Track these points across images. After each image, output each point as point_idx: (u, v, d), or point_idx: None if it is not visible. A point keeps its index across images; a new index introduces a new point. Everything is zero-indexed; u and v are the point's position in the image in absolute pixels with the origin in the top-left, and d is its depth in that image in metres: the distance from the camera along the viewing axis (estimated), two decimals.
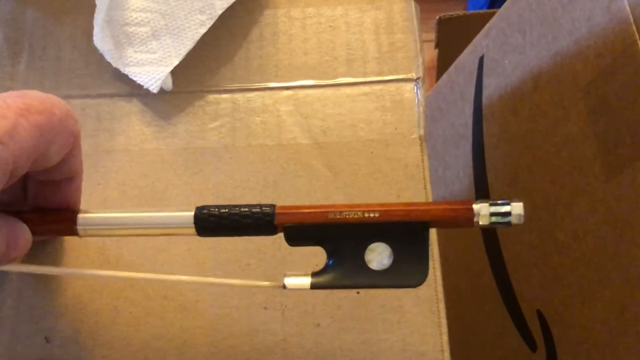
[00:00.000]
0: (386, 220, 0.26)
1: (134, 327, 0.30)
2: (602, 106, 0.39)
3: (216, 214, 0.26)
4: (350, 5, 0.36)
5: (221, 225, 0.26)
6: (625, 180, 0.37)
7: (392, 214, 0.26)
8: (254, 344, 0.29)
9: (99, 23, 0.34)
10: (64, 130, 0.25)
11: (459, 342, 0.63)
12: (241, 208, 0.26)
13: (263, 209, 0.26)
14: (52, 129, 0.24)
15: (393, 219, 0.26)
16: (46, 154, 0.24)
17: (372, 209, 0.26)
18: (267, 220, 0.26)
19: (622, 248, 0.37)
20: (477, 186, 0.58)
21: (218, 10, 0.34)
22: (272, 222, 0.26)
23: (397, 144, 0.33)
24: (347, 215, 0.26)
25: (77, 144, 0.26)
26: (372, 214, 0.26)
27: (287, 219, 0.26)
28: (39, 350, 0.29)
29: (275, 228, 0.26)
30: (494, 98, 0.54)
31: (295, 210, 0.26)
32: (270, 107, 0.34)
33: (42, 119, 0.23)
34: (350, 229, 0.26)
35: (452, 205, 0.26)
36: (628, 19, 0.36)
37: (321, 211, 0.26)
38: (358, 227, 0.26)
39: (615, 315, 0.38)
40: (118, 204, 0.32)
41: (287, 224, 0.26)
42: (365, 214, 0.26)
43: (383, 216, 0.26)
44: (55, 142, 0.24)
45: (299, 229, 0.26)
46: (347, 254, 0.26)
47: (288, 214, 0.26)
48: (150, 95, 0.34)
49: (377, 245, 0.26)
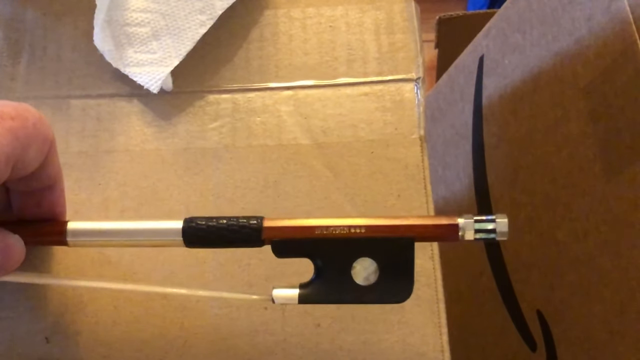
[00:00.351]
0: (372, 237, 0.26)
1: (134, 327, 0.30)
2: (602, 106, 0.39)
3: (204, 227, 0.26)
4: (350, 6, 0.36)
5: (209, 238, 0.26)
6: (625, 180, 0.37)
7: (377, 229, 0.26)
8: (255, 344, 0.29)
9: (99, 23, 0.34)
10: (38, 135, 0.25)
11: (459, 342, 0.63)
12: (229, 221, 0.26)
13: (250, 222, 0.26)
14: (26, 134, 0.24)
15: (378, 235, 0.26)
16: (24, 159, 0.24)
17: (358, 224, 0.26)
18: (254, 235, 0.26)
19: (622, 248, 0.37)
20: (477, 186, 0.58)
21: (218, 11, 0.34)
22: (260, 236, 0.26)
23: (397, 144, 0.33)
24: (333, 231, 0.26)
25: (52, 150, 0.26)
26: (358, 229, 0.26)
27: (274, 234, 0.26)
28: (39, 350, 0.29)
29: (262, 241, 0.26)
30: (494, 98, 0.54)
31: (283, 224, 0.26)
32: (270, 107, 0.34)
33: (15, 124, 0.24)
34: (336, 244, 0.26)
35: (437, 221, 0.26)
36: (628, 19, 0.36)
37: (308, 226, 0.26)
38: (344, 242, 0.26)
39: (615, 315, 0.38)
40: (118, 205, 0.32)
41: (275, 238, 0.26)
42: (352, 229, 0.26)
43: (369, 232, 0.26)
44: (31, 147, 0.24)
45: (286, 243, 0.26)
46: (333, 268, 0.26)
47: (275, 228, 0.26)
48: (151, 95, 0.34)
49: (364, 260, 0.26)
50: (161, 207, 0.32)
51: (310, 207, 0.32)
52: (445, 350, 0.29)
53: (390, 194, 0.32)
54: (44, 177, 0.27)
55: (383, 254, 0.26)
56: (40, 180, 0.27)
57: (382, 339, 0.29)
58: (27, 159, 0.25)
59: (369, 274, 0.26)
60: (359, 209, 0.32)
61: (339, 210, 0.32)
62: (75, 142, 0.33)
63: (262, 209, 0.32)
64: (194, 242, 0.27)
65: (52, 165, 0.27)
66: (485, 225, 0.26)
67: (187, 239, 0.27)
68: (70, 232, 0.27)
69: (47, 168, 0.26)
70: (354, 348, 0.29)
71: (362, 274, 0.26)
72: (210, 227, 0.26)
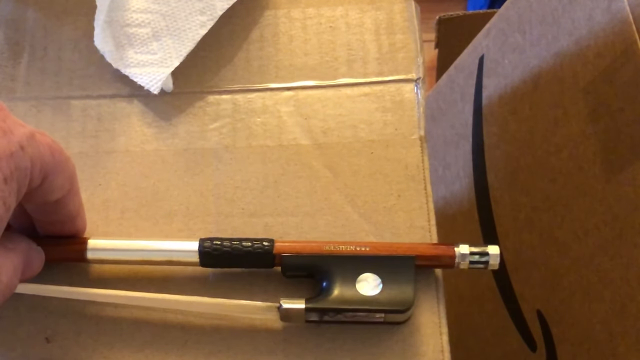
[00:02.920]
0: (376, 254, 0.29)
1: (134, 327, 0.30)
2: (602, 106, 0.39)
3: (219, 246, 0.29)
4: (350, 6, 0.36)
5: (223, 258, 0.29)
6: (625, 180, 0.37)
7: (381, 248, 0.29)
8: (255, 344, 0.29)
9: (100, 24, 0.34)
10: (68, 165, 0.26)
11: (459, 342, 0.63)
12: (243, 242, 0.29)
13: (263, 243, 0.29)
14: (60, 157, 0.25)
15: (382, 253, 0.29)
16: (52, 182, 0.25)
17: (363, 244, 0.29)
18: (266, 253, 0.29)
19: (622, 248, 0.37)
20: (477, 186, 0.58)
21: (218, 11, 0.34)
22: (271, 252, 0.29)
23: (397, 145, 0.33)
24: (341, 248, 0.29)
25: (75, 188, 0.27)
26: (363, 248, 0.29)
27: (285, 249, 0.29)
28: (40, 350, 0.29)
29: (273, 259, 0.29)
30: (494, 98, 0.54)
31: (294, 243, 0.29)
32: (270, 107, 0.34)
33: (53, 144, 0.25)
34: (343, 260, 0.29)
35: (436, 249, 0.29)
36: (628, 19, 0.36)
37: (317, 243, 0.29)
38: (350, 259, 0.29)
39: (615, 315, 0.38)
40: (119, 205, 0.32)
41: (285, 253, 0.29)
42: (357, 248, 0.29)
43: (373, 250, 0.29)
44: (61, 173, 0.25)
45: (295, 259, 0.29)
46: (339, 282, 0.28)
47: (286, 245, 0.29)
48: (151, 96, 0.34)
49: (368, 275, 0.28)
50: (161, 208, 0.32)
51: (310, 208, 0.32)
52: (445, 350, 0.29)
53: (391, 194, 0.32)
54: (67, 211, 0.27)
55: (386, 270, 0.29)
56: (62, 214, 0.28)
57: (382, 339, 0.29)
58: (54, 183, 0.25)
59: (372, 286, 0.28)
60: (359, 209, 0.32)
61: (339, 210, 0.32)
62: (75, 143, 0.33)
63: (262, 209, 0.32)
64: (208, 261, 0.29)
65: (73, 203, 0.27)
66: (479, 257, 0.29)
67: (202, 258, 0.29)
68: (91, 249, 0.29)
69: (69, 202, 0.27)
70: (354, 348, 0.29)
71: (366, 286, 0.28)
72: (225, 247, 0.29)
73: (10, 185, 0.22)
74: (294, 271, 0.29)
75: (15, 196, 0.23)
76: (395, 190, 0.32)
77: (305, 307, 0.28)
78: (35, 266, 0.27)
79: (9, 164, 0.22)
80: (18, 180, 0.23)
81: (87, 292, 0.29)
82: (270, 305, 0.28)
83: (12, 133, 0.23)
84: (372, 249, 0.29)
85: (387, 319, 0.29)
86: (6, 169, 0.22)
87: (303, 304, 0.28)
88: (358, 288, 0.28)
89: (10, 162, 0.22)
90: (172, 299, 0.29)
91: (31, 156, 0.23)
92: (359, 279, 0.28)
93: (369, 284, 0.28)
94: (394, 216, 0.31)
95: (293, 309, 0.28)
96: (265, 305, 0.29)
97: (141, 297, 0.29)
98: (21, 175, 0.23)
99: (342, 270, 0.28)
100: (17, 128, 0.23)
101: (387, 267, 0.28)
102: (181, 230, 0.32)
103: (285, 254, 0.29)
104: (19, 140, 0.23)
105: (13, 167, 0.22)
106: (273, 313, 0.29)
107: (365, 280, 0.28)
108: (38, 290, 0.29)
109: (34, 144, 0.23)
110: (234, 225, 0.32)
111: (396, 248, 0.29)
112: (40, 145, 0.24)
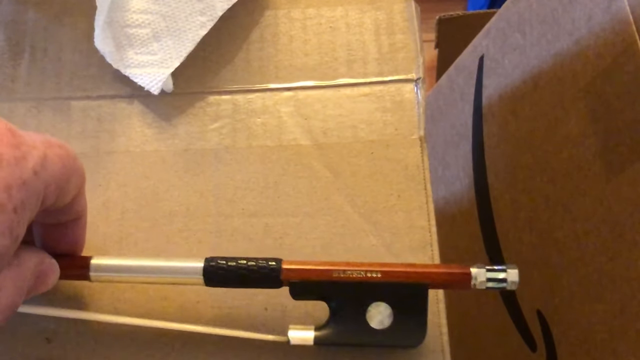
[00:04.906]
0: (387, 281, 0.27)
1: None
2: (602, 106, 0.39)
3: (224, 266, 0.27)
4: (350, 6, 0.36)
5: (228, 277, 0.27)
6: (625, 180, 0.37)
7: (393, 275, 0.27)
8: (255, 345, 0.29)
9: (100, 25, 0.34)
10: (78, 168, 0.25)
11: (459, 342, 0.63)
12: (249, 261, 0.27)
13: (269, 264, 0.27)
14: (70, 163, 0.25)
15: (394, 280, 0.27)
16: (64, 189, 0.25)
17: (374, 269, 0.27)
18: (274, 276, 0.27)
19: (622, 248, 0.37)
20: (477, 186, 0.58)
21: (218, 12, 0.34)
22: (279, 277, 0.27)
23: (397, 145, 0.33)
24: (350, 275, 0.27)
25: (84, 183, 0.27)
26: (374, 274, 0.27)
27: (292, 275, 0.27)
28: (40, 350, 0.29)
29: (281, 283, 0.28)
30: (494, 98, 0.54)
31: (301, 267, 0.28)
32: (270, 108, 0.34)
33: (62, 152, 0.24)
34: (352, 287, 0.27)
35: (451, 270, 0.27)
36: (628, 19, 0.36)
37: (326, 269, 0.27)
38: (360, 285, 0.27)
39: (615, 315, 0.38)
40: (119, 205, 0.32)
41: (293, 280, 0.27)
42: (368, 274, 0.27)
43: (384, 277, 0.27)
44: (72, 178, 0.25)
45: (303, 285, 0.27)
46: (349, 311, 0.27)
47: (294, 270, 0.27)
48: (151, 96, 0.34)
49: (378, 304, 0.27)
50: (161, 208, 0.32)
51: (310, 208, 0.32)
52: (445, 350, 0.29)
53: (391, 194, 0.32)
54: (73, 211, 0.27)
55: (397, 299, 0.27)
56: (69, 214, 0.27)
57: None
58: (66, 189, 0.25)
59: (383, 317, 0.27)
60: (359, 209, 0.32)
61: (339, 210, 0.32)
62: (75, 143, 0.33)
63: (262, 209, 0.32)
64: (213, 281, 0.28)
65: (81, 199, 0.27)
66: (496, 274, 0.27)
67: (207, 278, 0.27)
68: (94, 267, 0.28)
69: (77, 202, 0.27)
70: (354, 348, 0.29)
71: (376, 317, 0.27)
72: (230, 267, 0.27)
73: (20, 214, 0.22)
74: (302, 296, 0.28)
75: (26, 224, 0.22)
76: (395, 190, 0.32)
77: (315, 339, 0.27)
78: (49, 280, 0.27)
79: (20, 193, 0.22)
80: (30, 208, 0.22)
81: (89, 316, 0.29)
82: (278, 338, 0.28)
83: (26, 159, 0.22)
84: (384, 275, 0.27)
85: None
86: (17, 198, 0.21)
87: (312, 336, 0.27)
88: (368, 319, 0.27)
89: (22, 190, 0.22)
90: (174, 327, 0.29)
91: (45, 179, 0.23)
92: (370, 309, 0.27)
93: (381, 315, 0.27)
94: (394, 216, 0.31)
95: (302, 344, 0.28)
96: (273, 337, 0.28)
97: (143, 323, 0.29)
98: (33, 202, 0.22)
99: (352, 297, 0.27)
100: (30, 152, 0.22)
101: (400, 296, 0.27)
102: (181, 230, 0.32)
103: (292, 279, 0.27)
104: (32, 167, 0.22)
105: (25, 195, 0.22)
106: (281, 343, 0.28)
107: (376, 311, 0.27)
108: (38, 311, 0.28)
109: (47, 165, 0.23)
110: (234, 226, 0.32)
111: (409, 273, 0.27)
112: (54, 165, 0.23)
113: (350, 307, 0.27)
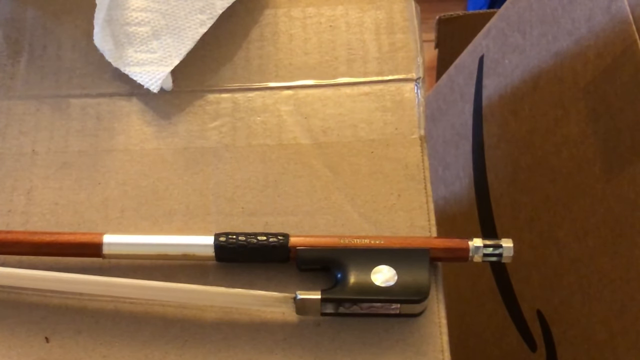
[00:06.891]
0: (390, 247, 0.29)
1: (134, 327, 0.30)
2: (602, 106, 0.39)
3: (234, 241, 0.29)
4: (350, 5, 0.36)
5: (238, 252, 0.29)
6: (625, 180, 0.37)
7: (395, 241, 0.29)
8: (255, 344, 0.29)
9: (99, 22, 0.34)
10: None
11: (459, 342, 0.63)
12: (258, 236, 0.29)
13: (279, 237, 0.29)
14: None
15: (396, 246, 0.29)
16: None
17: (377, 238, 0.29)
18: (282, 244, 0.29)
19: (622, 248, 0.37)
20: (477, 186, 0.58)
21: (218, 10, 0.34)
22: (287, 246, 0.29)
23: (397, 144, 0.33)
24: (355, 242, 0.29)
25: None
26: (377, 241, 0.29)
27: (300, 243, 0.29)
28: (39, 350, 0.29)
29: (288, 252, 0.29)
30: (494, 98, 0.54)
31: (309, 237, 0.30)
32: (270, 106, 0.34)
33: None
34: (358, 253, 0.29)
35: (450, 242, 0.30)
36: (628, 19, 0.36)
37: (332, 236, 0.30)
38: (365, 251, 0.29)
39: (615, 315, 0.38)
40: (118, 204, 0.32)
41: (300, 246, 0.29)
42: (372, 241, 0.29)
43: (387, 243, 0.29)
44: None
45: (310, 253, 0.29)
46: (355, 273, 0.28)
47: (302, 239, 0.29)
48: (151, 94, 0.34)
49: (383, 267, 0.29)
50: (161, 207, 0.32)
51: (310, 207, 0.32)
52: (445, 350, 0.29)
53: (391, 193, 0.32)
54: None
55: (400, 262, 0.29)
56: None
57: (382, 338, 0.29)
58: None
59: (387, 278, 0.28)
60: (359, 208, 0.32)
61: (339, 209, 0.32)
62: (75, 141, 0.33)
63: (262, 208, 0.32)
64: (224, 256, 0.29)
65: None
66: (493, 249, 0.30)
67: (218, 253, 0.29)
68: (107, 245, 0.29)
69: None
70: (354, 348, 0.29)
71: (381, 277, 0.28)
72: (240, 241, 0.29)
73: None
74: (309, 264, 0.29)
75: None
76: (395, 189, 0.32)
77: (322, 297, 0.28)
78: None
79: None
80: None
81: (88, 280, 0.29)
82: (286, 296, 0.28)
83: None
84: (387, 242, 0.29)
85: (403, 310, 0.29)
86: None
87: (319, 295, 0.28)
88: (374, 279, 0.28)
89: None
90: (185, 289, 0.29)
91: None
92: (374, 271, 0.28)
93: (384, 275, 0.28)
94: (394, 216, 0.31)
95: (309, 299, 0.28)
96: (282, 296, 0.29)
97: (150, 286, 0.29)
98: None
99: (357, 262, 0.29)
100: None
101: (402, 260, 0.29)
102: (181, 229, 0.32)
103: (300, 247, 0.29)
104: None
105: None
106: (289, 304, 0.29)
107: (380, 272, 0.28)
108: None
109: None
110: (233, 225, 0.31)
111: (410, 241, 0.29)
112: None
113: (356, 270, 0.28)
